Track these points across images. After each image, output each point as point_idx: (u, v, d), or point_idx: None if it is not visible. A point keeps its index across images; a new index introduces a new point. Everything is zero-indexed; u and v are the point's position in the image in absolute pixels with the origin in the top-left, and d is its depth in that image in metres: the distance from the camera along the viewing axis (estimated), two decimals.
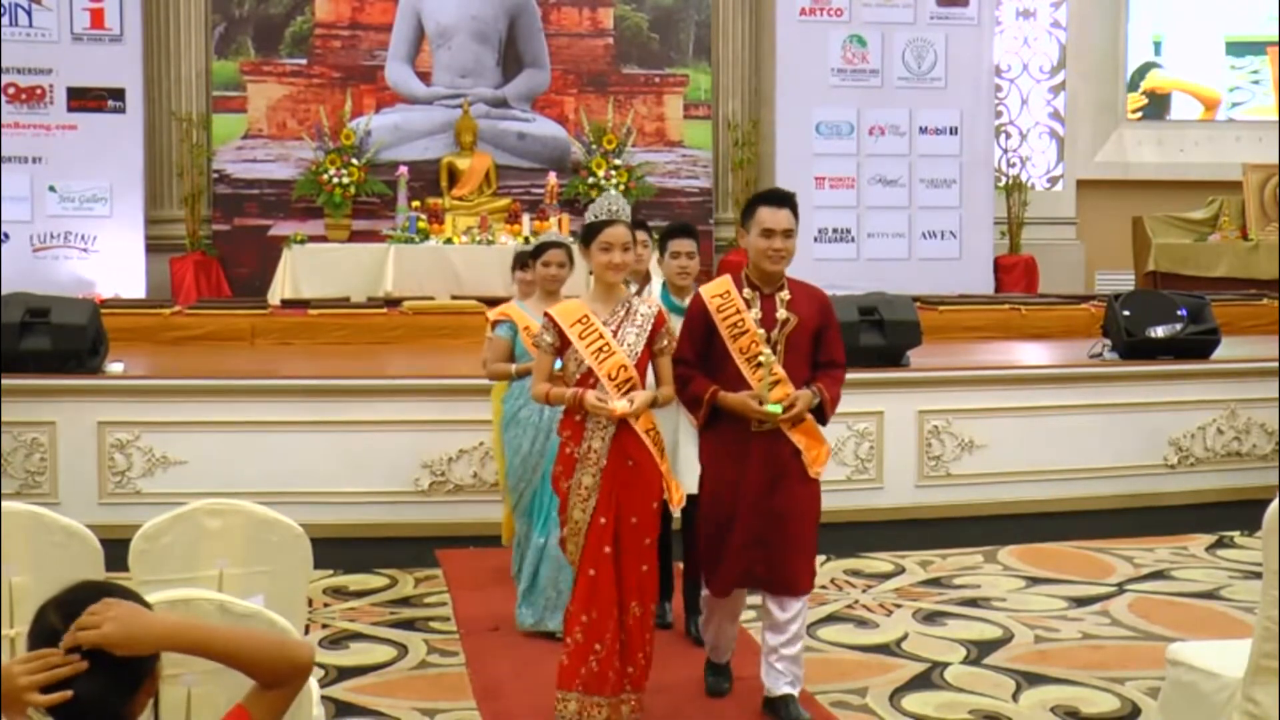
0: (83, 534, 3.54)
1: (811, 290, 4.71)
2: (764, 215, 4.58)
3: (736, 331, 4.52)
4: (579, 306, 4.48)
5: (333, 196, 12.57)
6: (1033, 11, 14.94)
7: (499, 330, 5.75)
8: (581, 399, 4.31)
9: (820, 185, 12.94)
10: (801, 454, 4.54)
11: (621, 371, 4.36)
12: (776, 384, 4.47)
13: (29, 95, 11.96)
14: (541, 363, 4.48)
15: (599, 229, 4.41)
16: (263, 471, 7.17)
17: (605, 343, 4.38)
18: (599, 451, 4.38)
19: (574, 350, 4.39)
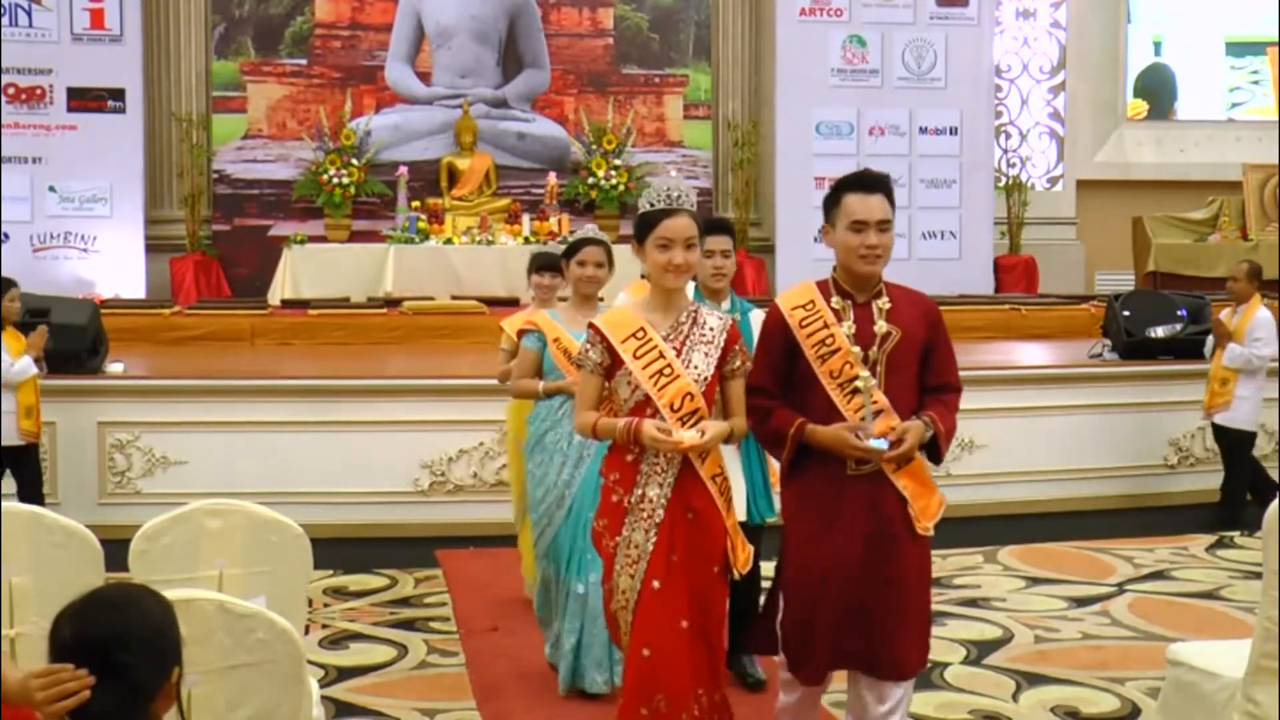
0: (82, 534, 3.54)
1: (914, 296, 3.87)
2: (853, 205, 3.76)
3: (825, 350, 3.67)
4: (633, 317, 3.67)
5: (333, 197, 12.57)
6: (1033, 11, 14.93)
7: (526, 341, 5.03)
8: (638, 431, 3.51)
9: (820, 185, 12.87)
10: (909, 503, 3.67)
11: (687, 401, 3.57)
12: (878, 414, 3.64)
13: (29, 95, 11.96)
14: (588, 387, 3.68)
15: (655, 220, 3.63)
16: (263, 471, 7.17)
17: (667, 364, 3.59)
18: (655, 501, 3.58)
19: (626, 372, 3.60)
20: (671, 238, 3.61)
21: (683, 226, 3.62)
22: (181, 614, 2.59)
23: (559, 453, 4.84)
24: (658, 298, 3.71)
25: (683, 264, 3.61)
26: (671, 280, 3.64)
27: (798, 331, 3.71)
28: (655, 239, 3.62)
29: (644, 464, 3.59)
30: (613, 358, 3.63)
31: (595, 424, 3.64)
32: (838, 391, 3.66)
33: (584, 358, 3.68)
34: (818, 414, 3.66)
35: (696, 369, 3.61)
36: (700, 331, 3.66)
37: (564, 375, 4.84)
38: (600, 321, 3.72)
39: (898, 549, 3.67)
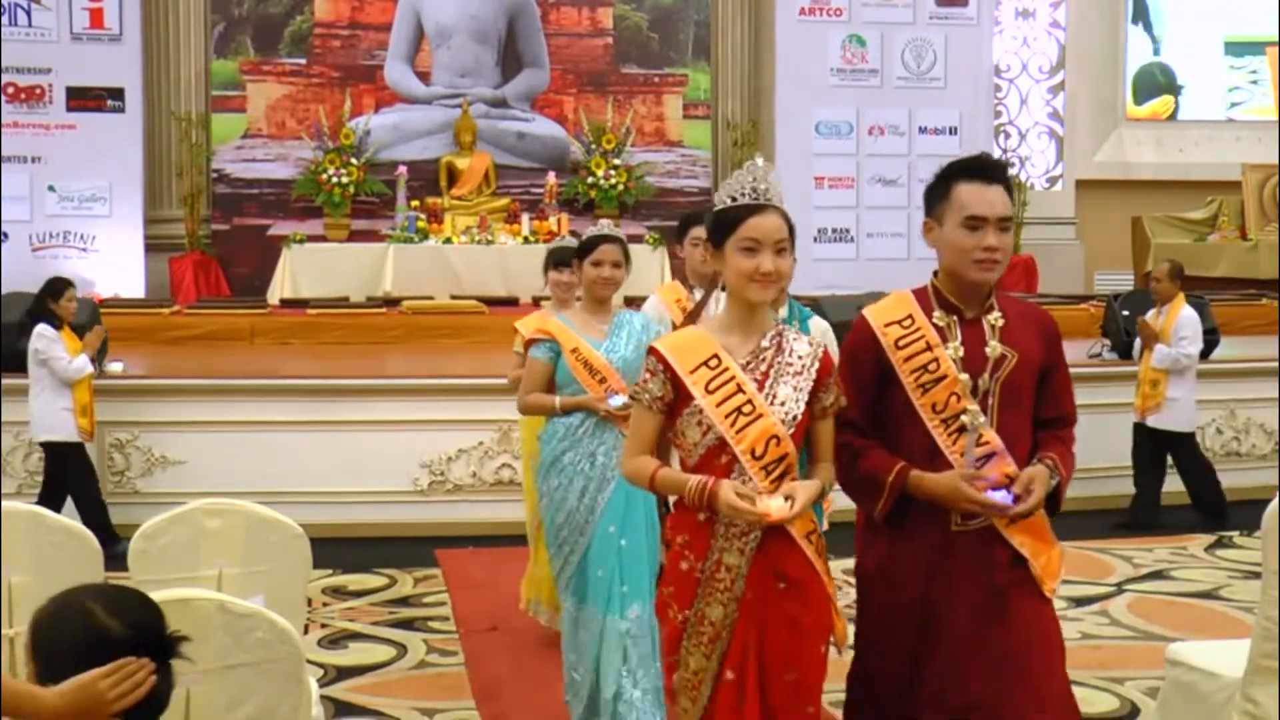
0: (81, 534, 3.54)
1: (1027, 309, 3.23)
2: (967, 196, 3.05)
3: (927, 378, 3.03)
4: (704, 340, 3.01)
5: (332, 196, 12.57)
6: (1032, 11, 14.94)
7: (537, 351, 4.46)
8: (712, 495, 2.85)
9: (819, 185, 12.93)
10: (1029, 563, 3.04)
11: (772, 446, 2.92)
12: (990, 458, 3.02)
13: (28, 95, 11.95)
14: (644, 427, 3.02)
15: (738, 219, 2.96)
16: (262, 471, 7.17)
17: (747, 400, 2.93)
18: (736, 570, 2.93)
19: (696, 409, 2.95)
20: (759, 240, 2.92)
21: (773, 227, 2.95)
22: (180, 613, 2.59)
23: (579, 475, 4.31)
24: (736, 314, 3.02)
25: (773, 272, 2.92)
26: (757, 292, 2.94)
27: (892, 354, 3.06)
28: (738, 242, 2.93)
29: (720, 524, 2.92)
30: (678, 391, 2.97)
31: (654, 476, 2.97)
32: (941, 429, 3.02)
33: (640, 392, 3.01)
34: (916, 455, 3.03)
35: (784, 406, 2.95)
36: (786, 359, 2.99)
37: (584, 390, 4.34)
38: (664, 346, 3.04)
39: (1024, 611, 3.02)
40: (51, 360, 6.77)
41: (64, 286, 6.98)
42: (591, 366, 4.33)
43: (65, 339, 6.85)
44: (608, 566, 4.20)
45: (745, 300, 2.98)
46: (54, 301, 6.91)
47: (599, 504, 4.28)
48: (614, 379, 4.31)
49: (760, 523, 2.86)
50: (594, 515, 4.27)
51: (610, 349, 4.37)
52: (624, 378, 4.27)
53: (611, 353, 4.36)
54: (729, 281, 3.00)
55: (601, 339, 4.40)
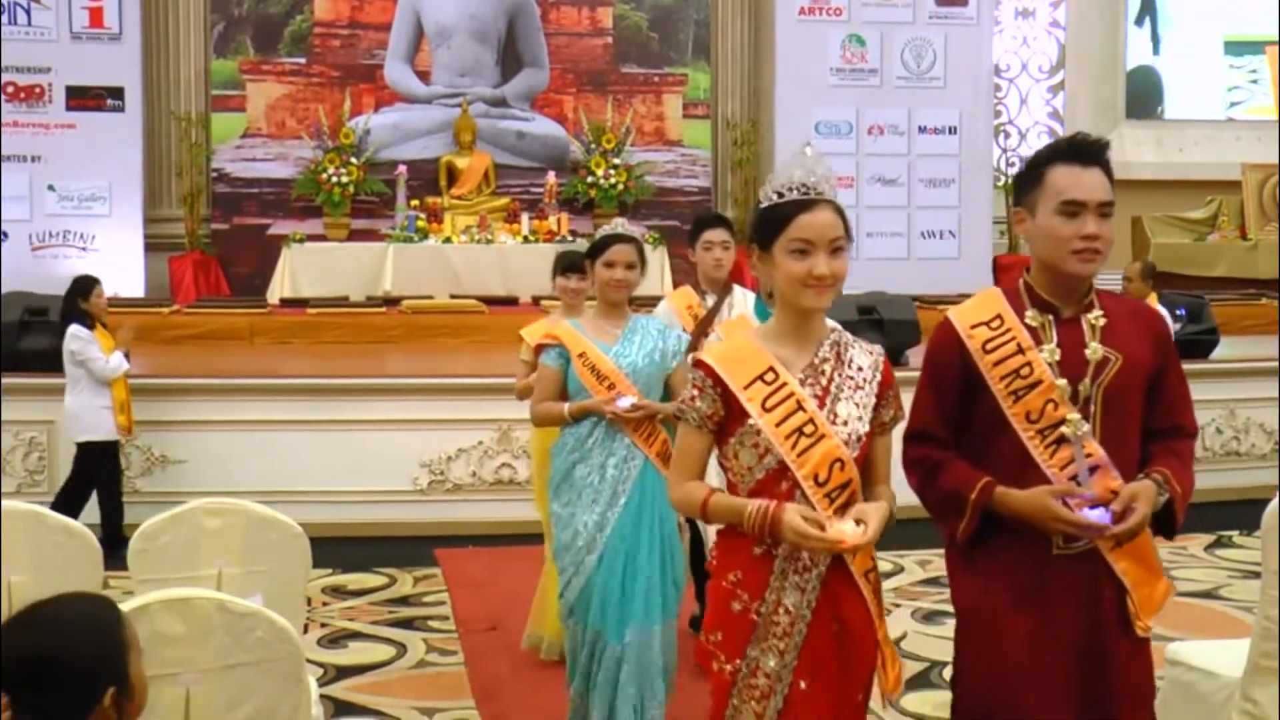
0: (81, 533, 3.54)
1: (1133, 306, 2.98)
2: (1063, 181, 2.77)
3: (1020, 385, 2.75)
4: (757, 352, 2.72)
5: (332, 195, 12.57)
6: (1032, 11, 14.93)
7: (546, 358, 4.25)
8: (775, 521, 2.58)
9: None
10: (1129, 594, 2.74)
11: (836, 471, 2.65)
12: (1093, 472, 2.72)
13: (28, 94, 11.95)
14: (691, 449, 2.76)
15: (787, 216, 2.67)
16: (261, 470, 7.17)
17: (808, 419, 2.66)
18: (795, 612, 2.64)
19: (751, 430, 2.66)
20: (811, 240, 2.63)
21: (826, 224, 2.65)
22: (180, 613, 2.59)
23: (589, 488, 4.09)
24: (788, 323, 2.73)
25: (828, 275, 2.63)
26: (812, 299, 2.65)
27: (980, 358, 2.77)
28: (788, 243, 2.64)
29: (779, 560, 2.64)
30: (730, 408, 2.69)
31: (706, 503, 2.69)
32: (1036, 441, 2.73)
33: (687, 410, 2.73)
34: (1006, 471, 2.73)
35: (846, 425, 2.67)
36: (847, 372, 2.72)
37: (592, 395, 4.15)
38: (713, 358, 2.73)
39: (1116, 657, 2.73)
40: (89, 360, 6.78)
41: (92, 284, 7.01)
42: (599, 372, 4.13)
43: (99, 337, 6.86)
44: (616, 586, 4.00)
45: (798, 308, 2.69)
46: (84, 300, 6.92)
47: (609, 520, 4.05)
48: (622, 384, 4.10)
49: (832, 551, 2.59)
50: (603, 532, 4.05)
51: (620, 354, 4.16)
52: (634, 383, 4.11)
53: (621, 358, 4.15)
54: (779, 287, 2.70)
55: (613, 344, 4.18)
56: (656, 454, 4.10)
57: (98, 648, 2.13)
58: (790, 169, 2.71)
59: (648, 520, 4.08)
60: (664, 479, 3.94)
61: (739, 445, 2.69)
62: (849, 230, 2.70)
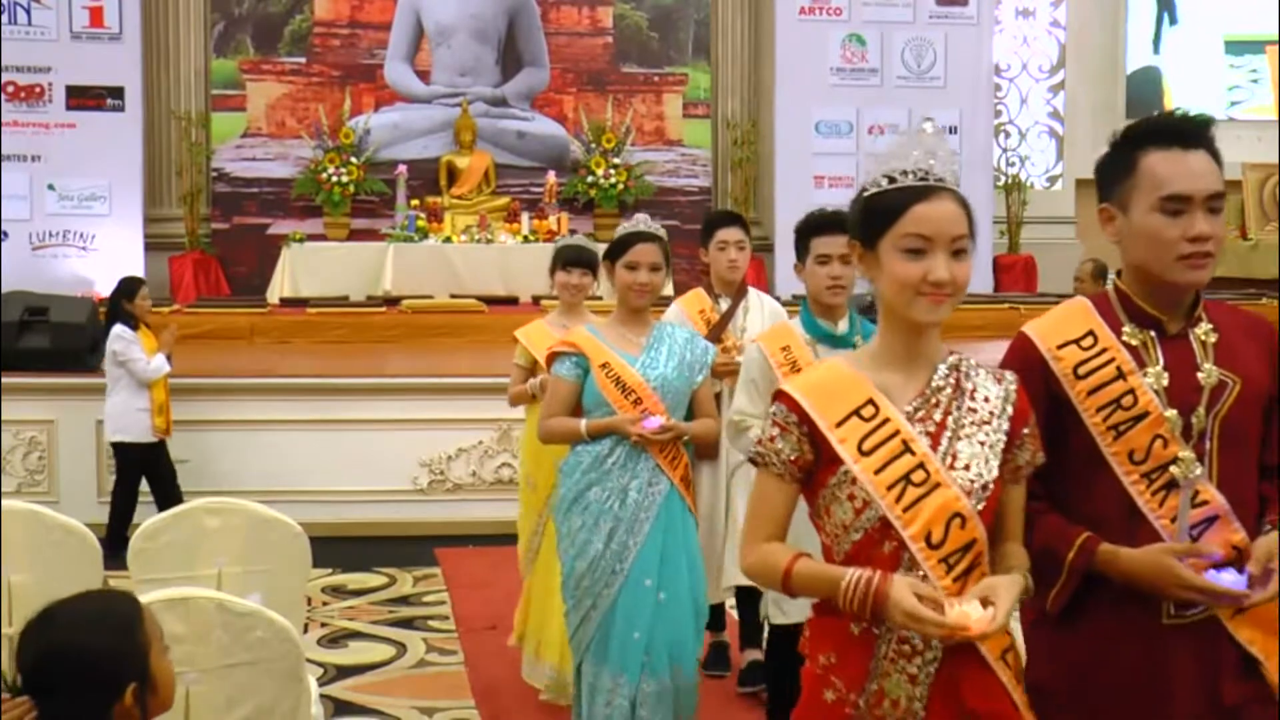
0: (81, 532, 3.54)
1: (1247, 319, 2.43)
2: (1162, 169, 2.27)
3: (1122, 418, 2.29)
4: (853, 379, 2.21)
5: (332, 195, 12.56)
6: (1032, 11, 14.93)
7: (560, 369, 3.84)
8: (879, 597, 2.06)
9: (819, 184, 12.92)
10: (1261, 664, 2.29)
11: (955, 529, 2.12)
12: (1210, 523, 2.28)
13: (28, 93, 11.95)
14: (770, 499, 2.23)
15: (898, 208, 2.16)
16: (262, 470, 7.17)
17: (919, 463, 2.14)
18: (906, 707, 2.14)
19: (845, 477, 2.16)
20: (929, 236, 2.13)
21: (947, 217, 2.15)
22: (180, 612, 2.59)
23: (607, 514, 3.69)
24: (895, 341, 2.21)
25: (948, 281, 2.12)
26: (926, 310, 2.14)
27: (1070, 385, 2.31)
28: (899, 239, 2.14)
29: (883, 644, 2.14)
30: (819, 451, 2.18)
31: (790, 571, 2.16)
32: (1142, 486, 2.26)
33: (767, 452, 2.21)
34: (1103, 523, 2.28)
35: (969, 471, 2.15)
36: (968, 403, 2.19)
37: (615, 411, 3.76)
38: (798, 388, 2.22)
39: None
40: (130, 361, 6.80)
41: (137, 285, 7.04)
42: (624, 385, 3.75)
43: (141, 339, 6.87)
44: (642, 626, 3.62)
45: (908, 321, 2.17)
46: (129, 301, 6.93)
47: (630, 550, 3.67)
48: (650, 400, 3.75)
49: (951, 638, 2.05)
50: (624, 564, 3.67)
51: (647, 365, 3.80)
52: (662, 399, 3.77)
53: (649, 369, 3.79)
54: (884, 294, 2.18)
55: (638, 354, 3.82)
56: (680, 479, 3.78)
57: (118, 644, 2.13)
58: (906, 148, 2.19)
59: (673, 552, 3.73)
60: (687, 507, 3.82)
61: (832, 498, 2.17)
62: (974, 227, 2.18)
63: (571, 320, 4.71)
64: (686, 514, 3.82)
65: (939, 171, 2.17)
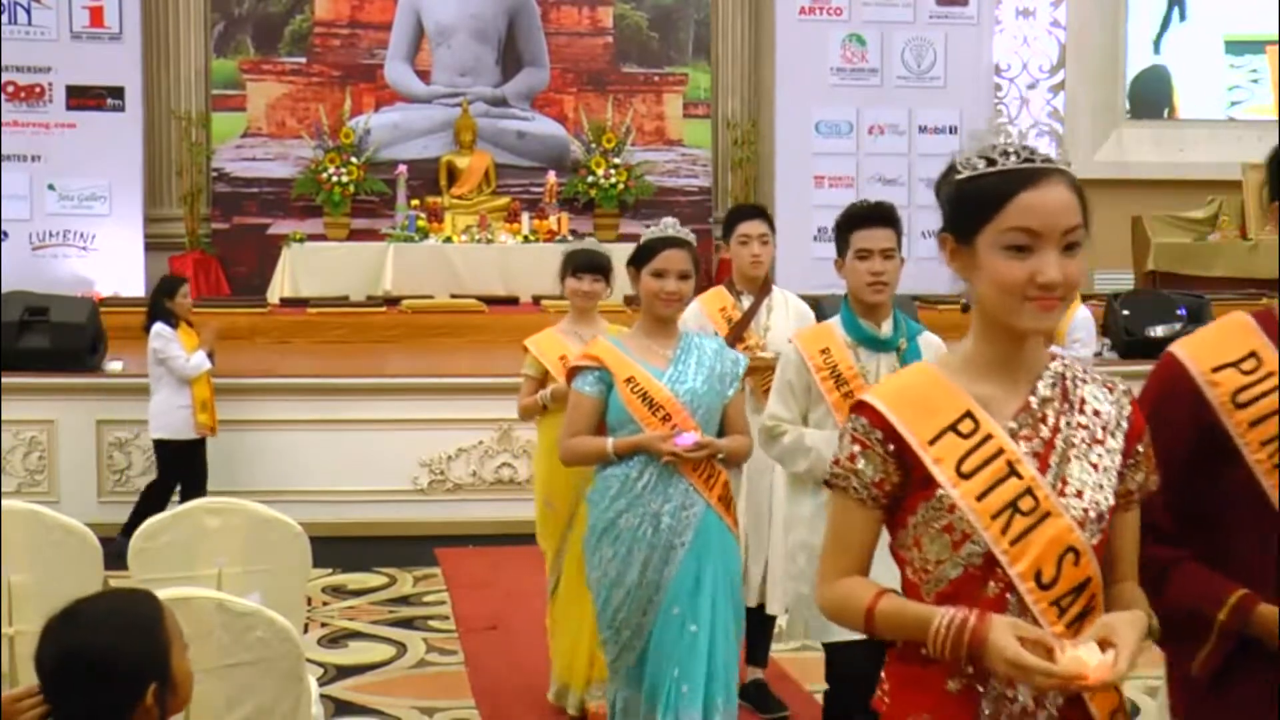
0: (82, 532, 3.54)
1: None
2: None
3: None
4: (946, 388, 1.91)
5: (332, 195, 12.56)
6: (1032, 11, 14.92)
7: (582, 384, 3.63)
8: (979, 640, 1.76)
9: (819, 184, 12.91)
10: None
11: (1068, 566, 1.85)
12: None
13: (28, 93, 11.95)
14: (851, 528, 1.94)
15: (1001, 195, 1.85)
16: (262, 470, 7.17)
17: (1027, 488, 1.85)
18: None
19: (940, 504, 1.87)
20: (1039, 230, 1.82)
21: (1058, 206, 1.84)
22: (180, 612, 2.58)
23: (641, 542, 3.47)
24: (992, 349, 1.91)
25: (1058, 283, 1.81)
26: (1033, 315, 1.83)
27: (1227, 415, 1.99)
28: (1001, 234, 1.83)
29: (988, 699, 1.85)
30: (907, 473, 1.89)
31: (873, 610, 1.88)
32: None
33: (844, 474, 1.92)
34: (1260, 577, 1.96)
35: (1082, 497, 1.86)
36: (1078, 417, 1.89)
37: (643, 428, 3.53)
38: (882, 399, 1.91)
39: None
40: (170, 359, 6.81)
41: (178, 284, 7.06)
42: (652, 401, 3.52)
43: (182, 336, 6.88)
44: (673, 658, 3.43)
45: (1010, 328, 1.86)
46: (169, 300, 6.94)
47: (664, 579, 3.46)
48: (680, 416, 3.53)
49: (1066, 690, 1.77)
50: (659, 593, 3.46)
51: (675, 378, 3.59)
52: (693, 414, 3.55)
53: (677, 383, 3.57)
54: (983, 296, 1.88)
55: (665, 367, 3.60)
56: (717, 498, 3.55)
57: (138, 644, 2.12)
58: (1000, 132, 1.97)
59: (710, 578, 3.50)
60: (727, 528, 3.58)
61: (922, 528, 1.88)
62: (1089, 215, 1.86)
63: (583, 328, 4.56)
64: (725, 535, 3.57)
65: (1046, 151, 1.89)
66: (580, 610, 4.18)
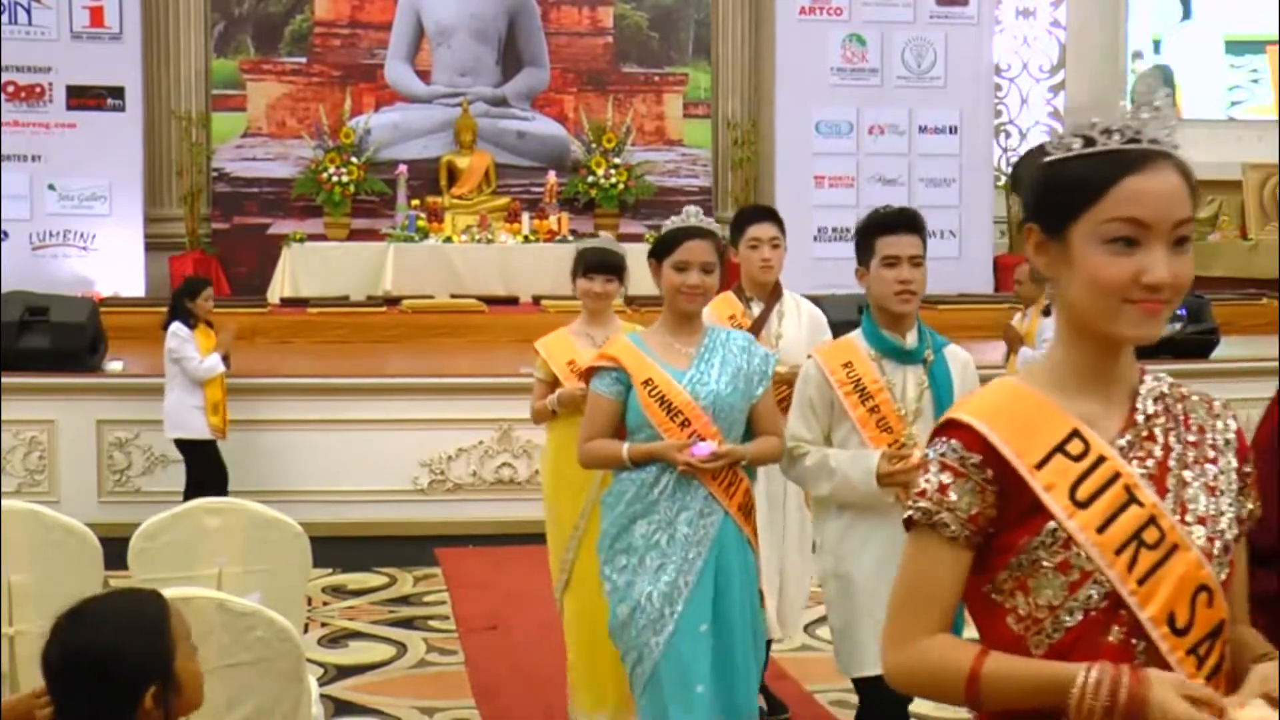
0: (82, 532, 3.54)
1: None
2: None
3: None
4: (1046, 407, 1.66)
5: (332, 195, 12.56)
6: (1032, 11, 14.93)
7: (600, 385, 3.45)
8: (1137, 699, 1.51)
9: (820, 184, 12.92)
10: None
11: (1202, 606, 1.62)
12: None
13: (28, 93, 11.95)
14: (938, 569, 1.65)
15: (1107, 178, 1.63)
16: (262, 470, 7.17)
17: (1149, 516, 1.61)
18: None
19: (1053, 537, 1.62)
20: (1147, 221, 1.60)
21: (1169, 194, 1.63)
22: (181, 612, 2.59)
23: (654, 550, 3.30)
24: (1086, 360, 1.67)
25: (1166, 284, 1.59)
26: (1135, 322, 1.60)
27: None
28: (1103, 225, 1.60)
29: None
30: (1008, 504, 1.63)
31: (978, 674, 1.59)
32: None
33: (931, 507, 1.64)
34: None
35: (1205, 526, 1.63)
36: (1187, 435, 1.68)
37: (660, 434, 3.34)
38: (977, 416, 1.65)
39: None
40: (184, 360, 6.81)
41: (201, 286, 7.07)
42: (670, 405, 3.33)
43: (200, 337, 6.88)
44: (703, 678, 3.24)
45: (1106, 334, 1.62)
46: (191, 301, 6.94)
47: (681, 592, 3.27)
48: (700, 421, 3.34)
49: None
50: (675, 606, 3.27)
51: (696, 380, 3.38)
52: (714, 420, 3.35)
53: (698, 385, 3.37)
54: (1075, 299, 1.64)
55: (686, 367, 3.40)
56: (737, 507, 3.37)
57: (140, 644, 2.11)
58: (1110, 98, 1.76)
59: (726, 590, 3.33)
60: (746, 540, 3.39)
61: (1030, 569, 1.60)
62: (1197, 204, 1.67)
63: (596, 330, 4.39)
64: (744, 547, 3.40)
65: (1153, 132, 1.65)
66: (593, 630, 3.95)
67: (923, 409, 3.35)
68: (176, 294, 7.11)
